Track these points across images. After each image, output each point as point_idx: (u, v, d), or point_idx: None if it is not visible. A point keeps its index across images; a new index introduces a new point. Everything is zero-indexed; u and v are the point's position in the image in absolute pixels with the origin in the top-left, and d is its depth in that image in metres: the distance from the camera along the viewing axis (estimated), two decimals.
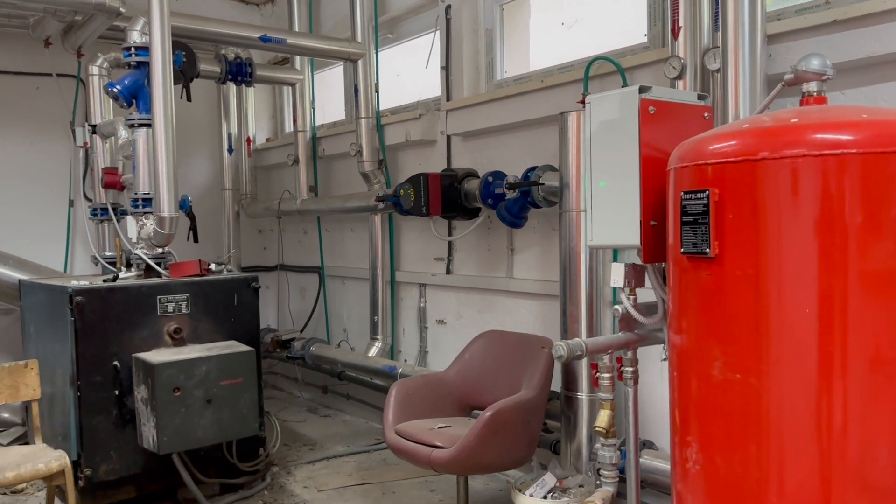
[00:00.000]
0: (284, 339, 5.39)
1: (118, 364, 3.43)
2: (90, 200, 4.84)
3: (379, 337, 4.69)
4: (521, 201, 3.44)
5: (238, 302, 3.80)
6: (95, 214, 4.54)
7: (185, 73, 4.03)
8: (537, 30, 4.02)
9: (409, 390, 3.24)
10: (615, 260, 2.33)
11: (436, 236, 4.26)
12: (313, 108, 5.39)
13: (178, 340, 3.59)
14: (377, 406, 4.97)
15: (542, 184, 3.31)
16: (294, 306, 5.91)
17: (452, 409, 3.29)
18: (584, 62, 3.35)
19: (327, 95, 5.68)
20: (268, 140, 6.20)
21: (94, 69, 4.63)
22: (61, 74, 5.15)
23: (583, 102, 3.12)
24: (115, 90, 3.72)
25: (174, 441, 3.21)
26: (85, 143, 4.51)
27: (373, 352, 4.67)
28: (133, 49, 3.78)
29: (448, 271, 4.34)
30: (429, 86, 4.55)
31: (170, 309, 3.59)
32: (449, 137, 4.30)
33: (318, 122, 5.52)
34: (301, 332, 5.59)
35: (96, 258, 4.51)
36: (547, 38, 3.94)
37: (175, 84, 4.06)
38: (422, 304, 4.56)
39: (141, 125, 3.77)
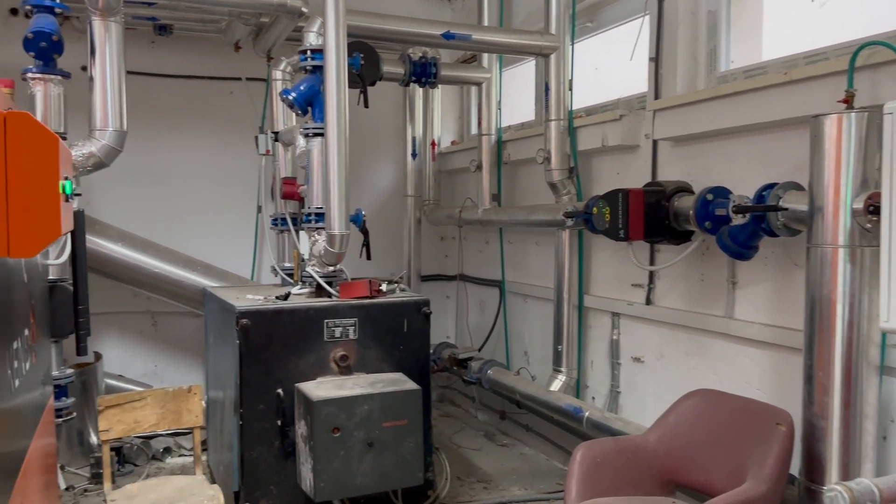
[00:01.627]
0: (462, 357, 5.00)
1: (281, 392, 3.19)
2: (261, 209, 4.75)
3: (563, 369, 4.13)
4: (752, 227, 2.72)
5: (408, 328, 3.43)
6: (276, 224, 4.42)
7: (362, 76, 3.73)
8: (775, 9, 3.23)
9: (598, 457, 2.66)
10: None
11: (635, 264, 3.62)
12: (499, 109, 4.92)
13: (343, 369, 3.29)
14: (560, 445, 4.43)
15: (785, 208, 2.57)
16: (473, 320, 5.52)
17: (651, 484, 2.67)
18: (847, 48, 2.56)
19: (516, 94, 5.20)
20: (453, 143, 5.85)
21: (278, 73, 4.51)
22: (251, 79, 5.12)
23: (846, 102, 2.40)
24: (290, 97, 3.49)
25: (332, 487, 2.89)
26: (267, 151, 4.40)
27: (555, 385, 4.12)
28: (309, 52, 3.53)
29: (648, 301, 3.68)
30: (632, 81, 3.90)
31: (337, 334, 3.30)
32: (655, 143, 3.63)
33: (505, 124, 5.05)
34: (479, 349, 5.18)
35: (275, 269, 4.39)
36: (789, 19, 3.14)
37: (353, 88, 3.79)
38: (614, 337, 3.93)
39: (315, 134, 3.51)
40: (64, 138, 3.40)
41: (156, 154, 5.06)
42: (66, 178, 1.82)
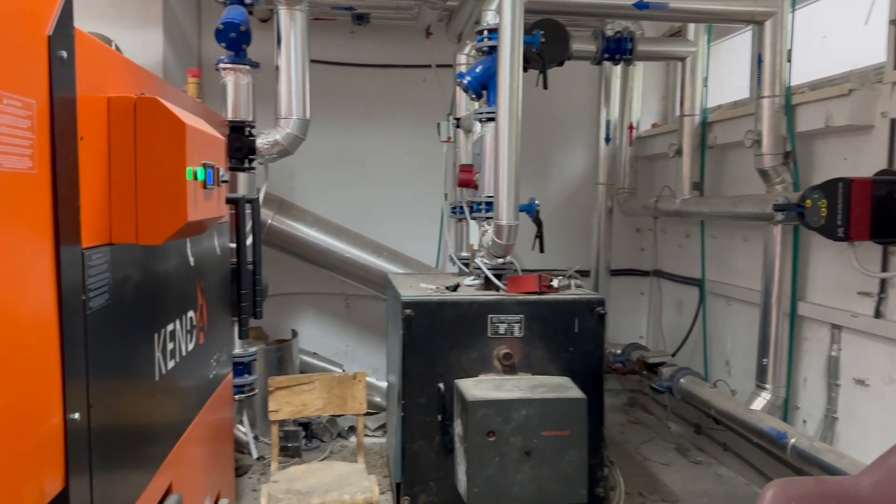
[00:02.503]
0: (652, 362, 4.59)
1: (442, 387, 3.08)
2: (447, 196, 4.67)
3: (768, 386, 3.59)
4: None
5: (579, 329, 3.15)
6: (454, 212, 4.33)
7: (542, 55, 3.48)
8: None
9: (794, 499, 2.21)
10: None
11: (857, 269, 3.01)
12: (706, 87, 4.40)
13: (507, 367, 3.10)
14: (763, 470, 3.88)
15: None
16: (668, 322, 5.05)
17: None
18: None
19: (727, 71, 4.62)
20: (653, 126, 5.38)
21: (462, 58, 4.40)
22: (441, 65, 5.08)
23: None
24: (464, 81, 3.35)
25: (485, 494, 2.72)
26: (448, 138, 4.32)
27: (758, 403, 3.59)
28: (486, 32, 3.36)
29: (878, 314, 3.05)
30: (866, 50, 3.24)
31: (501, 330, 3.12)
32: (894, 122, 2.98)
33: (713, 104, 4.52)
34: (673, 355, 4.72)
35: (453, 258, 4.31)
36: None
37: (534, 69, 3.56)
38: (833, 353, 3.33)
39: (488, 119, 3.34)
40: (252, 127, 3.56)
41: (352, 142, 5.21)
42: (205, 165, 1.81)
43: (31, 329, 1.24)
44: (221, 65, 3.46)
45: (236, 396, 3.51)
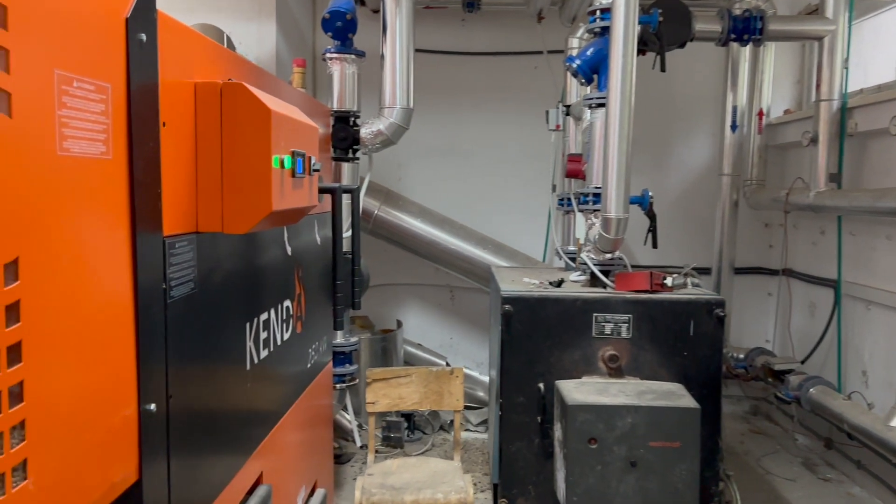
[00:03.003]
0: (779, 368, 4.23)
1: (542, 387, 2.94)
2: (555, 188, 4.49)
3: None
4: None
5: (695, 332, 2.92)
6: (562, 204, 4.15)
7: (660, 36, 3.24)
8: None
9: None
10: None
11: None
12: (846, 70, 3.98)
13: (613, 370, 2.91)
14: None
15: None
16: (798, 325, 4.64)
17: None
18: None
19: (870, 51, 4.17)
20: (785, 112, 4.95)
21: (574, 41, 4.20)
22: (552, 51, 4.89)
23: None
24: (573, 65, 3.18)
25: None
26: (557, 127, 4.14)
27: None
28: (598, 12, 3.16)
29: None
30: None
31: (607, 330, 2.93)
32: None
33: (855, 87, 4.09)
34: (802, 362, 4.33)
35: (559, 252, 4.13)
36: None
37: (652, 51, 3.33)
38: None
39: (598, 105, 3.15)
40: (356, 117, 3.54)
41: (460, 132, 5.13)
42: (294, 153, 1.77)
43: (104, 318, 1.22)
44: (328, 54, 3.46)
45: (337, 385, 3.52)
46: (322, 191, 2.31)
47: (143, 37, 1.32)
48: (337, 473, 4.13)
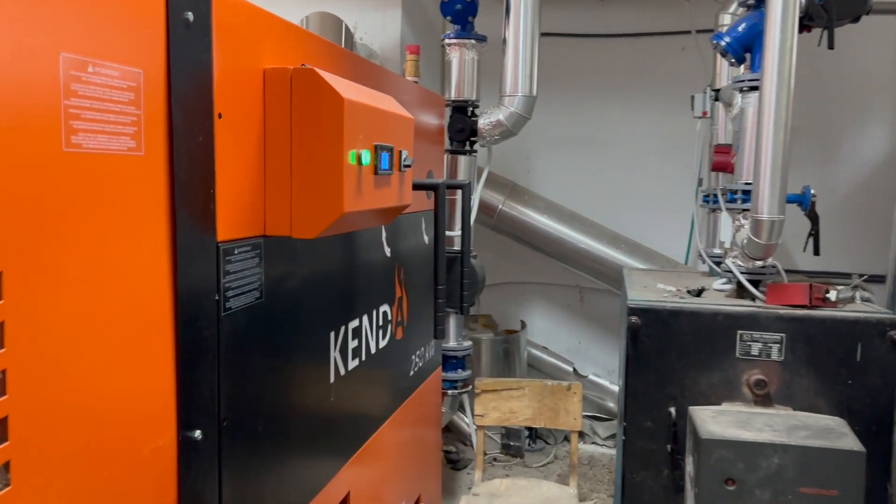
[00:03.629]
0: None
1: (674, 412, 2.58)
2: (701, 182, 4.03)
3: None
4: None
5: (863, 357, 2.44)
6: (707, 201, 3.71)
7: (829, 9, 2.75)
8: None
9: None
10: None
11: None
12: None
13: (759, 398, 2.50)
14: None
15: None
16: None
17: None
18: None
19: None
20: None
21: (726, 18, 3.73)
22: (701, 31, 4.40)
23: None
24: (722, 42, 2.77)
25: None
26: (704, 114, 3.69)
27: None
28: None
29: None
30: None
31: (754, 351, 2.52)
32: None
33: None
34: None
35: (702, 255, 3.70)
36: None
37: (818, 26, 2.84)
38: None
39: (751, 89, 2.72)
40: (475, 106, 3.31)
41: (594, 121, 4.77)
42: (376, 148, 1.57)
43: (127, 336, 1.07)
44: (446, 40, 3.25)
45: (448, 392, 3.33)
46: (420, 187, 2.11)
47: (190, 15, 1.16)
48: (452, 480, 3.95)
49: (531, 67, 3.18)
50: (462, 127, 3.24)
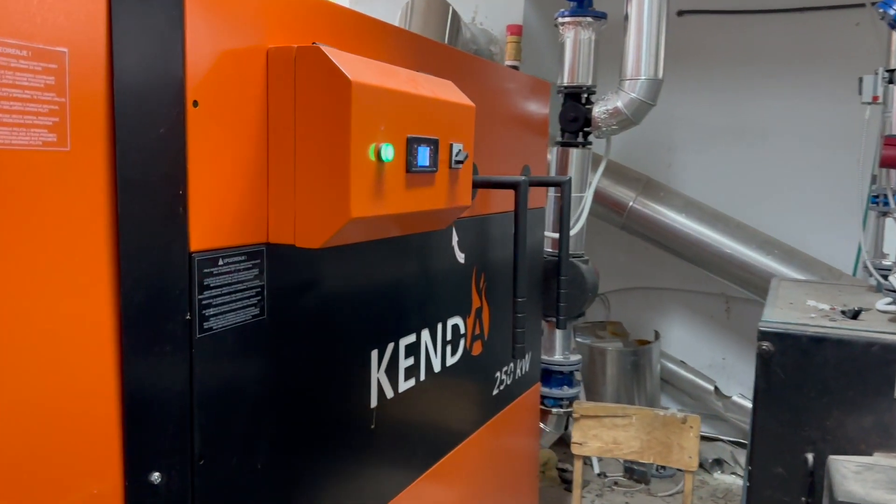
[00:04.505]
0: None
1: (811, 459, 2.12)
2: (875, 179, 3.38)
3: None
4: None
5: None
6: (875, 202, 3.10)
7: None
8: None
9: None
10: None
11: None
12: None
13: None
14: None
15: None
16: None
17: None
18: None
19: None
20: None
21: None
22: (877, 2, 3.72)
23: None
24: (890, 11, 2.24)
25: None
26: (874, 99, 3.08)
27: None
28: None
29: None
30: None
31: None
32: None
33: None
34: None
35: (868, 266, 3.10)
36: None
37: None
38: None
39: None
40: (591, 92, 2.96)
41: (750, 108, 4.20)
42: (411, 141, 1.33)
43: (53, 355, 0.91)
44: (559, 19, 2.92)
45: (553, 410, 3.02)
46: (492, 185, 1.83)
47: None
48: (566, 502, 3.64)
49: (657, 47, 2.78)
50: (575, 116, 2.90)
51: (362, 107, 1.18)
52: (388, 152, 1.25)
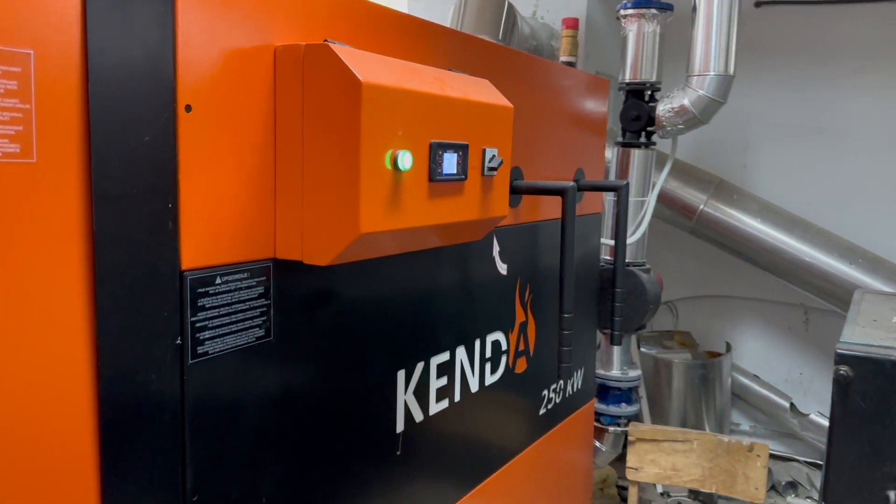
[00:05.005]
0: None
1: (893, 496, 1.89)
2: None
3: None
4: None
5: None
6: None
7: None
8: None
9: None
10: None
11: None
12: None
13: None
14: None
15: None
16: None
17: None
18: None
19: None
20: None
21: None
22: None
23: None
24: None
25: None
26: None
27: None
28: None
29: None
30: None
31: None
32: None
33: None
34: None
35: None
36: None
37: None
38: None
39: None
40: (655, 89, 2.77)
41: (833, 106, 3.88)
42: (437, 147, 1.21)
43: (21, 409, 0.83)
44: (622, 11, 2.73)
45: (610, 429, 2.84)
46: (536, 191, 1.69)
47: None
48: None
49: (728, 40, 2.56)
50: (637, 114, 2.71)
51: (375, 110, 1.07)
52: (405, 160, 1.13)
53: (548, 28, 3.62)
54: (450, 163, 1.26)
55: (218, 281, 1.05)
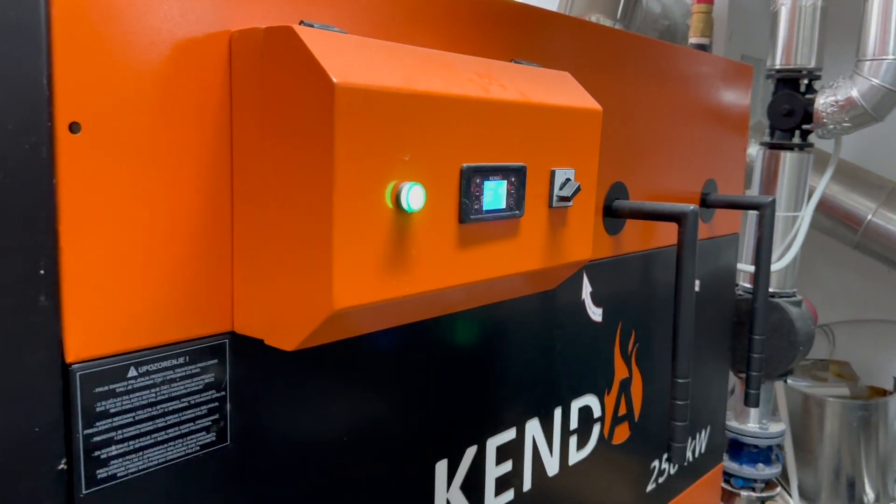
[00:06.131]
0: None
1: None
2: None
3: None
4: None
5: None
6: None
7: None
8: None
9: None
10: None
11: None
12: None
13: None
14: None
15: None
16: None
17: None
18: None
19: None
20: None
21: None
22: None
23: None
24: None
25: None
26: None
27: None
28: None
29: None
30: None
31: None
32: None
33: None
34: None
35: None
36: None
37: None
38: None
39: None
40: (815, 77, 2.20)
41: None
42: (474, 173, 0.83)
43: None
44: None
45: (742, 493, 2.32)
46: (642, 216, 1.26)
47: None
48: None
49: None
50: (790, 108, 2.15)
51: (361, 124, 0.70)
52: (416, 196, 0.76)
53: (682, 4, 3.09)
54: (495, 194, 0.87)
55: (132, 373, 0.73)
